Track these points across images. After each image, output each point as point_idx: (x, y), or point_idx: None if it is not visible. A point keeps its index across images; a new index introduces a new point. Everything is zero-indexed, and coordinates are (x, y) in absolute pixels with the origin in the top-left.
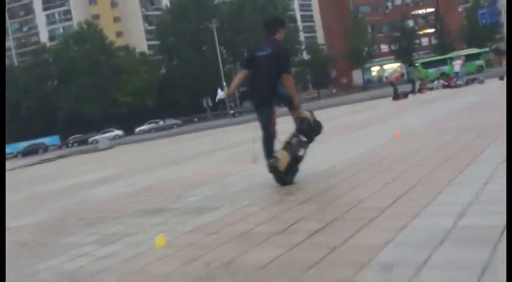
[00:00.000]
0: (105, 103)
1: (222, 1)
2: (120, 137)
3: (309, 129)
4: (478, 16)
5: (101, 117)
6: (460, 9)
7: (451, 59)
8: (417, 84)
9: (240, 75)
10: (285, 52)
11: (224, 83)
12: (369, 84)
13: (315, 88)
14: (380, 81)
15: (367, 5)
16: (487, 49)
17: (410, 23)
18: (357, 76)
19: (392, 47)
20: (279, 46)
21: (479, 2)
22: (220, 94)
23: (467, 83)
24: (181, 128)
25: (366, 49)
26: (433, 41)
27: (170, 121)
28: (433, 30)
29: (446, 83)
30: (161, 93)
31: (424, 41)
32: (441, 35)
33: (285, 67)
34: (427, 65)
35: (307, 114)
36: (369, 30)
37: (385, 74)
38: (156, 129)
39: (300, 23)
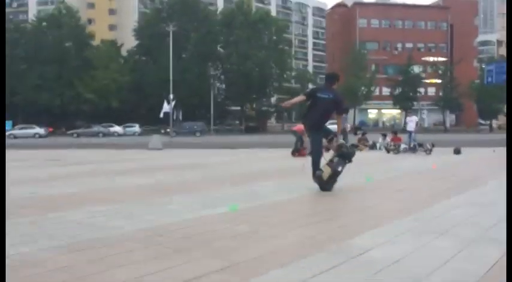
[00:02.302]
0: (66, 96)
1: (214, 10)
2: (40, 136)
3: (346, 152)
4: (484, 72)
5: (59, 110)
6: (476, 64)
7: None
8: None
9: (299, 99)
10: (342, 98)
11: (171, 96)
12: (364, 126)
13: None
14: (376, 126)
15: (375, 42)
16: None
17: (417, 68)
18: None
19: (395, 92)
20: (338, 93)
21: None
22: (166, 108)
23: (412, 148)
24: (100, 139)
25: (363, 88)
26: (441, 93)
27: (103, 128)
28: (440, 81)
29: (391, 144)
30: (129, 97)
31: (431, 91)
32: (448, 87)
33: (341, 110)
34: None
35: (343, 142)
36: (372, 69)
37: (383, 119)
38: (78, 135)
39: (310, 51)
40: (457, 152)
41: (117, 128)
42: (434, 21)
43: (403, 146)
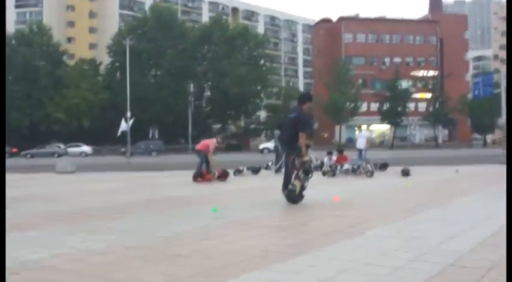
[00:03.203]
0: (36, 116)
1: (191, 26)
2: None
3: (309, 169)
4: (472, 85)
5: (27, 131)
6: (468, 79)
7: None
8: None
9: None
10: (304, 117)
11: (128, 114)
12: (350, 143)
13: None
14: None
15: (362, 57)
16: None
17: (406, 83)
18: (343, 133)
19: (383, 107)
20: (302, 113)
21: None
22: (124, 126)
23: (355, 170)
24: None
25: (348, 104)
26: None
27: (53, 147)
28: (430, 95)
29: (335, 165)
30: (104, 115)
31: (421, 106)
32: (438, 102)
33: (302, 128)
34: None
35: (308, 158)
36: (359, 84)
37: (372, 135)
38: (32, 155)
39: (301, 67)
40: (405, 173)
41: (84, 148)
42: (423, 35)
43: (346, 166)
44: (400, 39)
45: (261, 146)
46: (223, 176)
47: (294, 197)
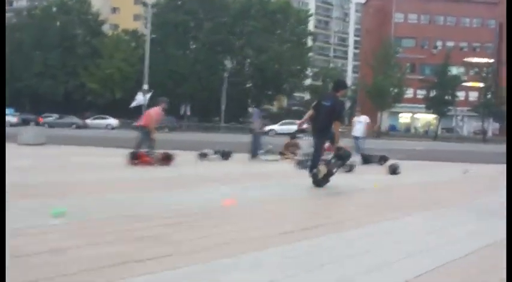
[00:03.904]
0: (71, 85)
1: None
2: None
3: (343, 155)
4: None
5: (62, 99)
6: None
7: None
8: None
9: (309, 114)
10: (340, 106)
11: (146, 86)
12: (394, 131)
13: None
14: (408, 131)
15: (412, 39)
16: None
17: (455, 70)
18: (385, 120)
19: (430, 94)
20: (337, 101)
21: None
22: (140, 99)
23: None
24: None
25: (392, 89)
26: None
27: (71, 119)
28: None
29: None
30: (139, 88)
31: (473, 96)
32: (490, 92)
33: (337, 117)
34: None
35: (342, 145)
36: (406, 68)
37: (417, 125)
38: (50, 125)
39: (352, 49)
40: (393, 171)
41: (111, 121)
42: (480, 18)
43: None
44: (455, 21)
45: (268, 128)
46: (166, 159)
47: (318, 180)
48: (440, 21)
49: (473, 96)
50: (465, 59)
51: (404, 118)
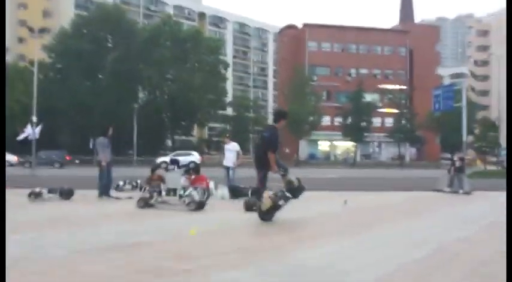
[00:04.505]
0: None
1: (142, 27)
2: None
3: (293, 188)
4: (432, 99)
5: None
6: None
7: None
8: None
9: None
10: (272, 137)
11: (34, 118)
12: (313, 160)
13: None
14: (327, 159)
15: (326, 67)
16: None
17: (371, 96)
18: (305, 148)
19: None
20: (271, 132)
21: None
22: (29, 132)
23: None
24: None
25: (308, 117)
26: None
27: None
28: (397, 110)
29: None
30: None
31: (388, 122)
32: (405, 117)
33: (267, 146)
34: None
35: (293, 179)
36: (318, 95)
37: (337, 152)
38: None
39: (271, 78)
40: (250, 207)
41: (9, 157)
42: (391, 46)
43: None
44: (368, 49)
45: (159, 160)
46: None
47: (261, 213)
48: (353, 50)
49: (389, 122)
50: (379, 86)
51: (323, 146)
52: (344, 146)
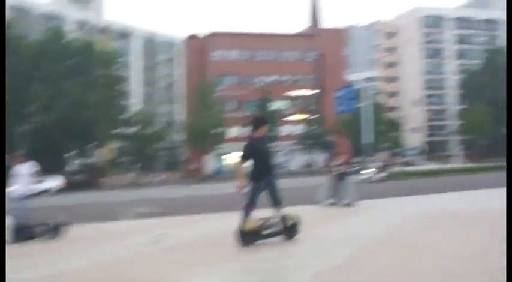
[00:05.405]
0: None
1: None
2: None
3: (288, 226)
4: (335, 100)
5: None
6: None
7: None
8: None
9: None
10: (245, 148)
11: None
12: (218, 175)
13: (168, 170)
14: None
15: (233, 76)
16: None
17: (279, 104)
18: (211, 163)
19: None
20: (247, 143)
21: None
22: None
23: None
24: None
25: (212, 130)
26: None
27: None
28: (305, 116)
29: None
30: None
31: (298, 129)
32: (312, 123)
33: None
34: None
35: (295, 217)
36: (222, 106)
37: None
38: None
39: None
40: None
41: None
42: (299, 51)
43: None
44: (275, 55)
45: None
46: None
47: (242, 232)
48: (260, 57)
49: (298, 129)
50: (288, 93)
51: (230, 159)
52: None
